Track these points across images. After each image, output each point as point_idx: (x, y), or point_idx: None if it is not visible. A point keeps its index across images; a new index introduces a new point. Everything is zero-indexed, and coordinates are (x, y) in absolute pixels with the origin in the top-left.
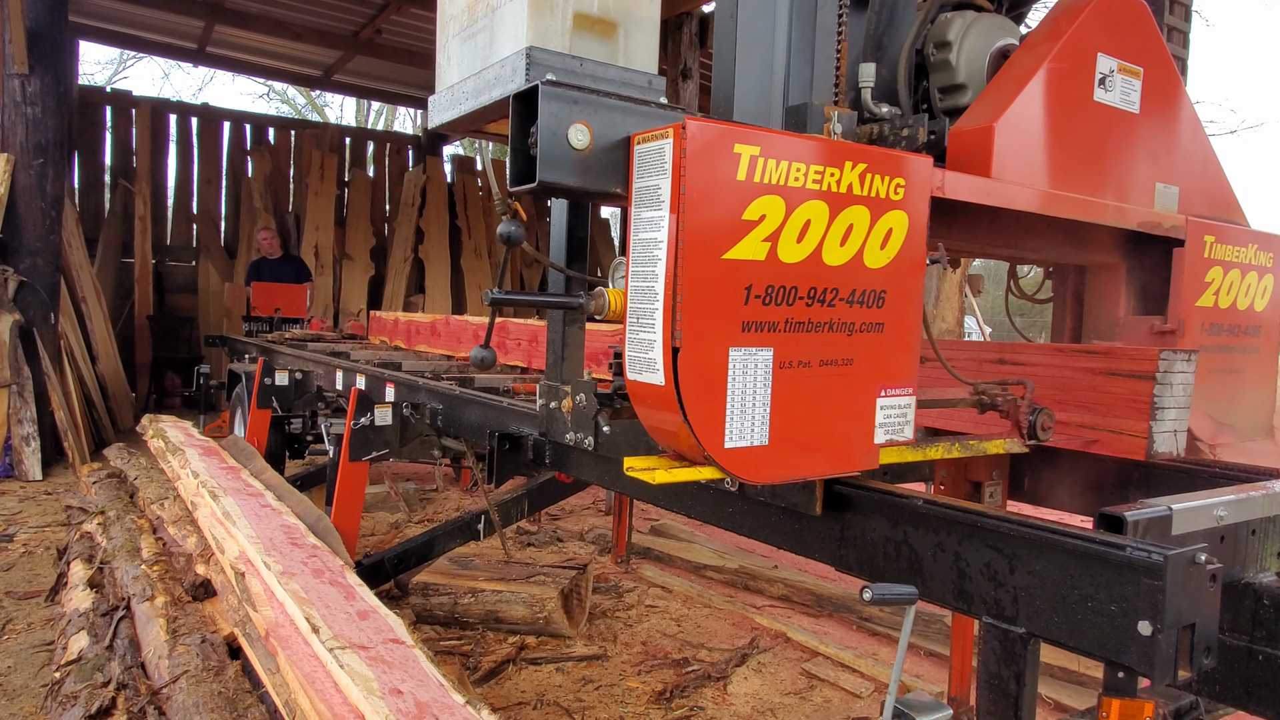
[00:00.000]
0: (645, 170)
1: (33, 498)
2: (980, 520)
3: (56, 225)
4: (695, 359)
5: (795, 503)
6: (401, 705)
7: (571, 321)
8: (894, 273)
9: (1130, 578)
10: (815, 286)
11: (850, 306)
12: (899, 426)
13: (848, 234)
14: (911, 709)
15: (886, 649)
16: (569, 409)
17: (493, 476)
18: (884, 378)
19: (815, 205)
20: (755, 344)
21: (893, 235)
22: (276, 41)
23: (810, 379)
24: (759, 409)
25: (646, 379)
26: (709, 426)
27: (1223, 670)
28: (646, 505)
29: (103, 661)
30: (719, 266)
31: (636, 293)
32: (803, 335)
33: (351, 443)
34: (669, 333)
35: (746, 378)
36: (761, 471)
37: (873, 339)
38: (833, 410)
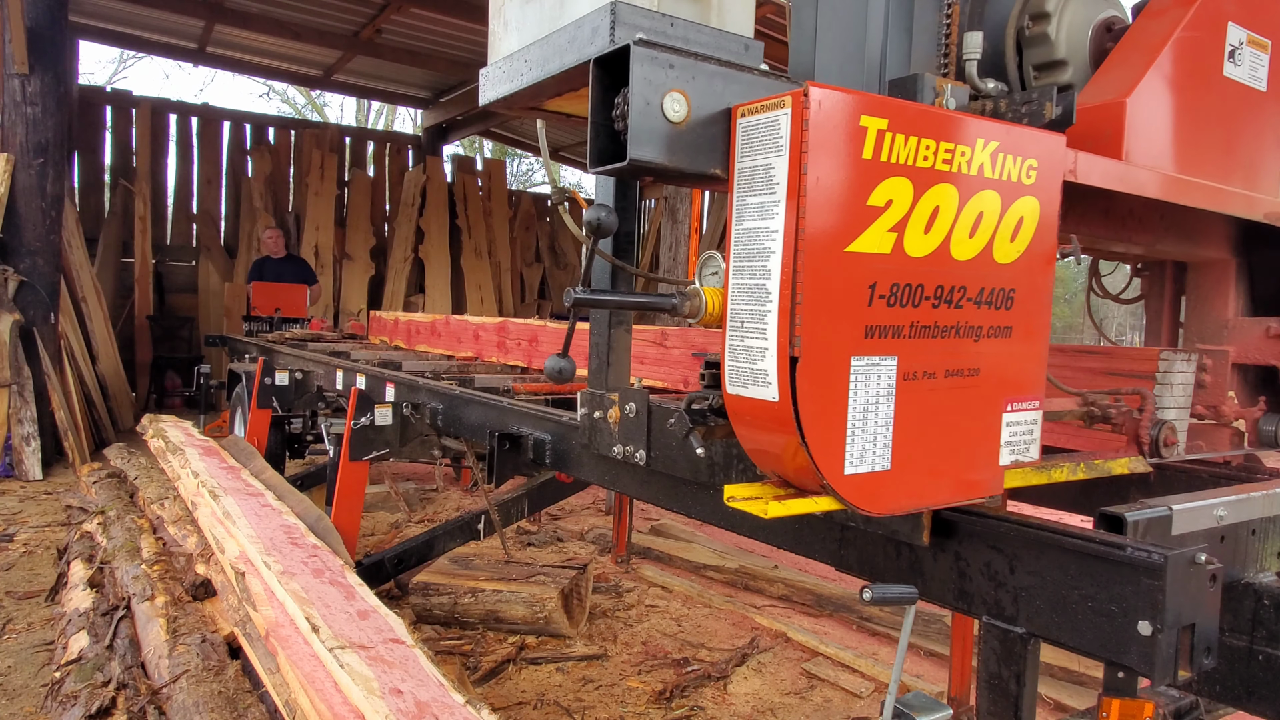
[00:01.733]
0: (753, 147)
1: (33, 497)
2: (980, 520)
3: (56, 225)
4: (816, 370)
5: (896, 530)
6: (402, 705)
7: (618, 324)
8: (1024, 268)
9: (1130, 578)
10: (942, 285)
11: (978, 308)
12: (1025, 445)
13: (977, 223)
14: (911, 709)
15: (886, 649)
16: (616, 419)
17: (493, 476)
18: (1011, 389)
19: (944, 190)
20: (879, 352)
21: (1024, 225)
22: (276, 41)
23: (935, 392)
24: (881, 428)
25: (754, 394)
26: (828, 449)
27: (1223, 670)
28: (646, 505)
29: (103, 661)
30: (842, 261)
31: (741, 292)
32: (928, 342)
33: (352, 442)
34: (786, 340)
35: (869, 392)
36: (883, 501)
37: (1000, 345)
38: (957, 428)
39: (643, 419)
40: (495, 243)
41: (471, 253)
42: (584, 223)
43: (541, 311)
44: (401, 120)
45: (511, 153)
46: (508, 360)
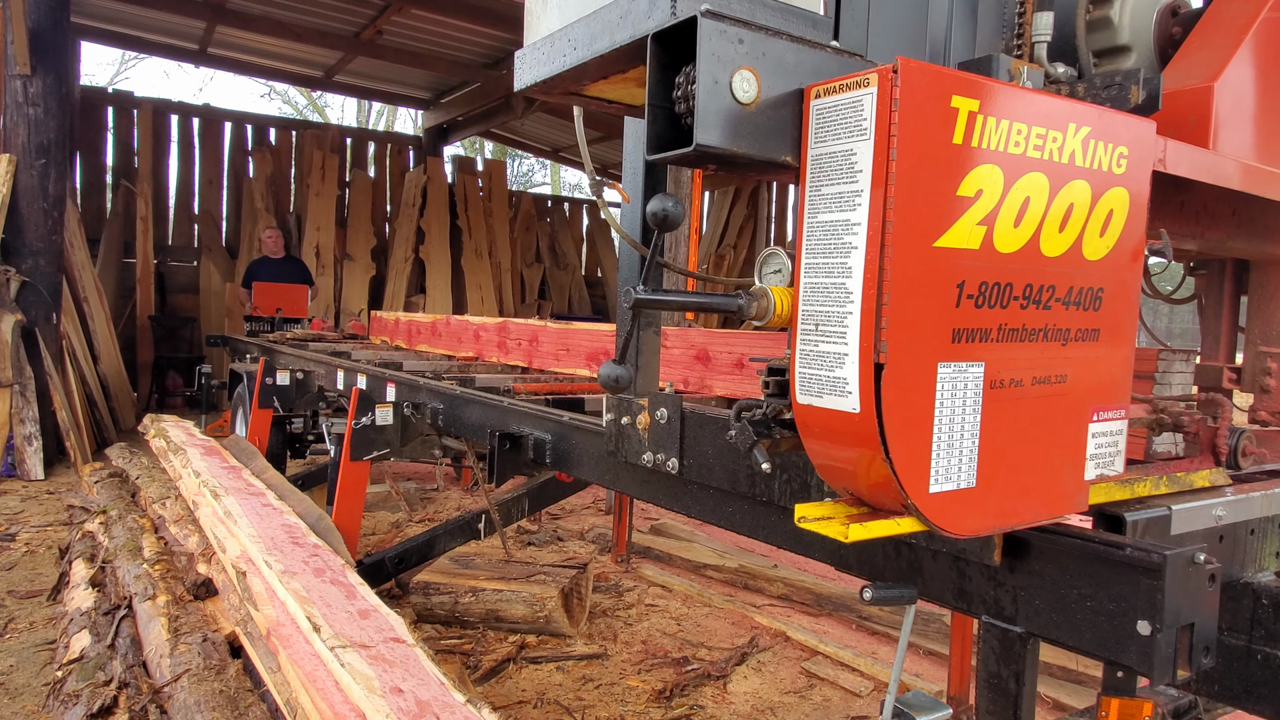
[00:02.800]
0: (830, 131)
1: (35, 497)
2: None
3: (58, 226)
4: (901, 378)
5: (963, 549)
6: (402, 704)
7: (647, 325)
8: (1112, 266)
9: (1129, 577)
10: (1031, 284)
11: (1066, 309)
12: (1110, 458)
13: (1067, 216)
14: (911, 708)
15: (886, 648)
16: (645, 426)
17: (493, 476)
18: (1098, 397)
19: (1035, 179)
20: (966, 358)
21: (1113, 218)
22: (277, 42)
23: (1022, 401)
24: (967, 442)
25: (830, 404)
26: (913, 465)
27: (1221, 669)
28: (646, 505)
29: (104, 660)
30: (930, 257)
31: (816, 292)
32: (1016, 346)
33: (353, 442)
34: (870, 345)
35: (955, 402)
36: (967, 521)
37: (1088, 350)
38: (1044, 441)
39: (675, 426)
40: (496, 243)
41: (472, 253)
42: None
43: (542, 312)
44: (402, 121)
45: (512, 153)
46: (508, 360)
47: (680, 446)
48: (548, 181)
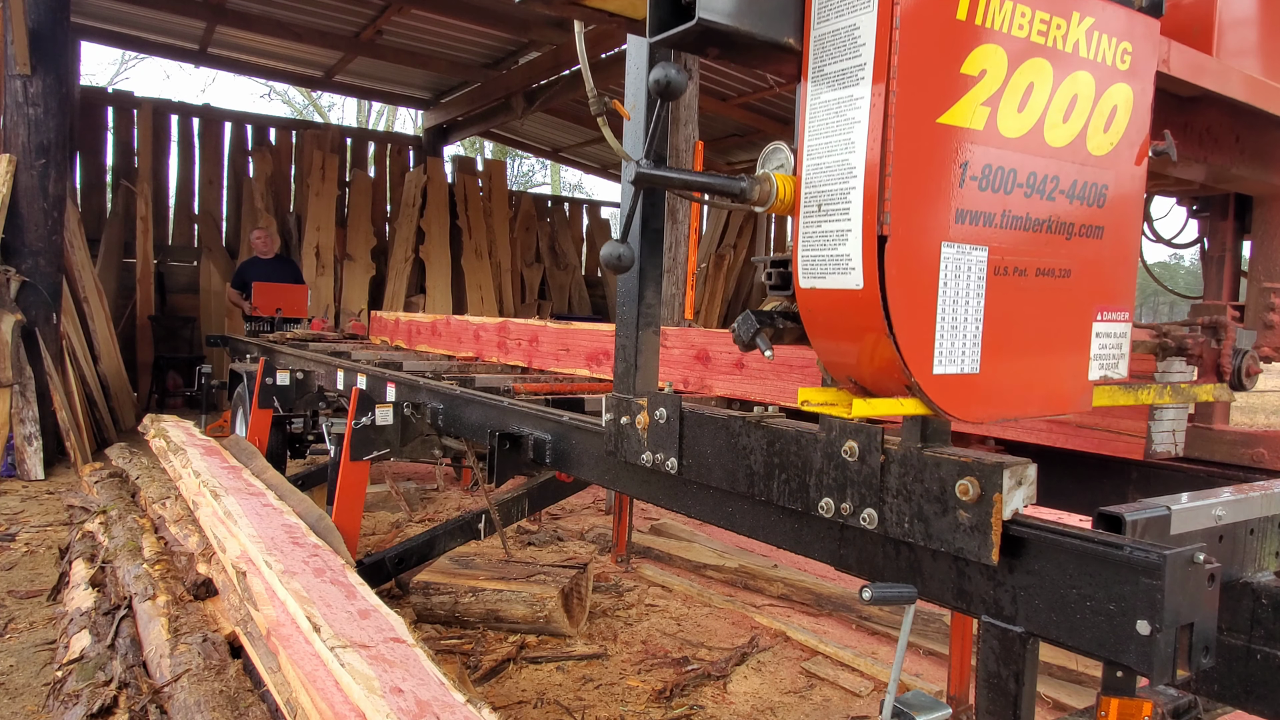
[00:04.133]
0: (833, 9)
1: (35, 497)
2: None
3: (59, 226)
4: (905, 253)
5: (962, 548)
6: (402, 704)
7: (646, 325)
8: (1116, 163)
9: (1129, 577)
10: (1035, 172)
11: (1070, 202)
12: (1114, 361)
13: (1071, 107)
14: (911, 708)
15: (886, 648)
16: (644, 425)
17: (493, 476)
18: (1102, 297)
19: (1038, 65)
20: (969, 240)
21: (1117, 115)
22: (278, 42)
23: (1025, 292)
24: (971, 325)
25: (833, 284)
26: (917, 344)
27: (1221, 669)
28: (646, 505)
29: (104, 660)
30: (934, 134)
31: (819, 172)
32: (1019, 234)
33: (353, 442)
34: (874, 218)
35: (959, 283)
36: (972, 407)
37: (1092, 247)
38: (1047, 334)
39: (674, 425)
40: (496, 243)
41: (472, 253)
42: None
43: (542, 312)
44: (402, 121)
45: (512, 153)
46: (508, 360)
47: (679, 446)
48: (548, 181)
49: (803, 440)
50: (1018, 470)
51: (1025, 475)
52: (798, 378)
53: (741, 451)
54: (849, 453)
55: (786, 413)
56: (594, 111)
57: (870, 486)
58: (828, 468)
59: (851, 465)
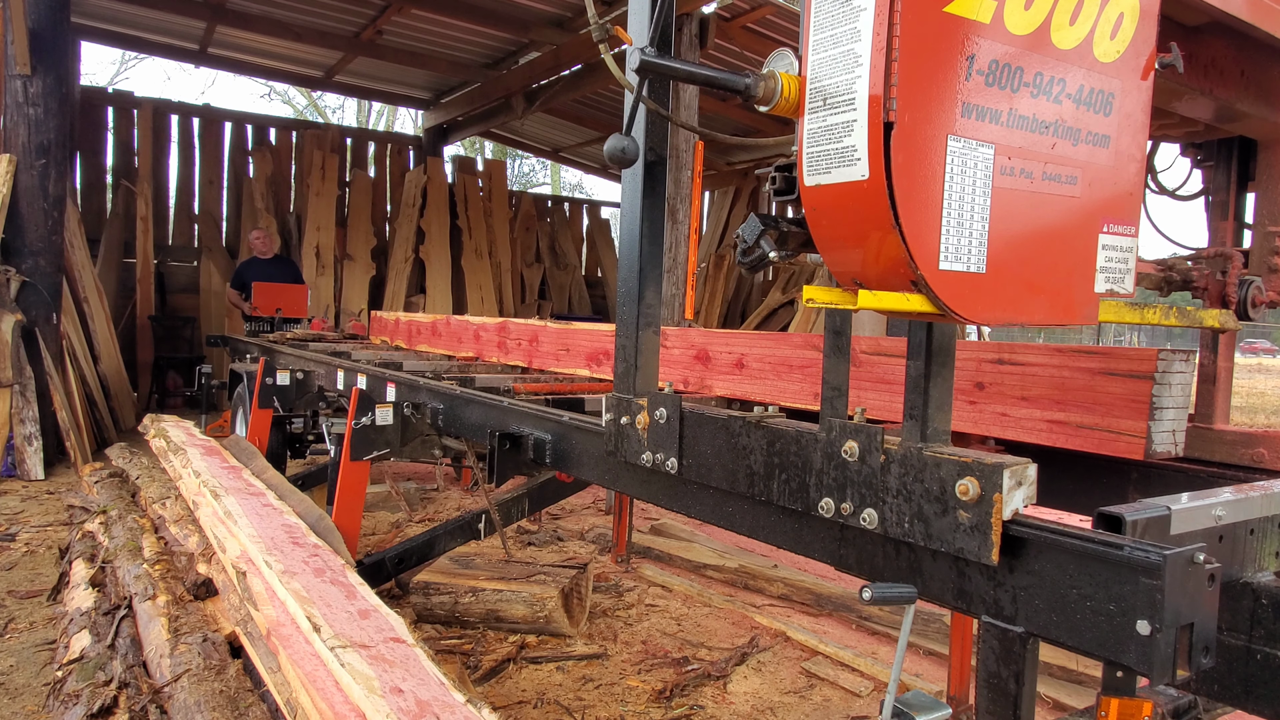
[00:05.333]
0: None
1: (35, 497)
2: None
3: (59, 226)
4: (911, 141)
5: (962, 548)
6: (402, 704)
7: (646, 325)
8: (1123, 71)
9: (1129, 577)
10: (1042, 72)
11: (1077, 107)
12: (1120, 276)
13: (1078, 10)
14: (911, 708)
15: (886, 648)
16: (645, 425)
17: (493, 476)
18: (1108, 209)
19: None
20: (976, 136)
21: (1124, 22)
22: (278, 42)
23: (1033, 195)
24: (977, 223)
25: (838, 178)
26: (923, 236)
27: (1221, 669)
28: (646, 505)
29: (105, 660)
30: (940, 21)
31: (824, 65)
32: (1026, 135)
33: (353, 442)
34: (880, 105)
35: (965, 180)
36: (978, 307)
37: (1099, 155)
38: (1053, 240)
39: (674, 425)
40: (496, 243)
41: (472, 253)
42: None
43: (542, 311)
44: (402, 121)
45: (512, 153)
46: (508, 360)
47: (679, 446)
48: (548, 181)
49: (803, 440)
50: (1018, 470)
51: (1025, 475)
52: (799, 378)
53: (741, 451)
54: (849, 452)
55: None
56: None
57: (870, 486)
58: (828, 468)
59: (852, 465)
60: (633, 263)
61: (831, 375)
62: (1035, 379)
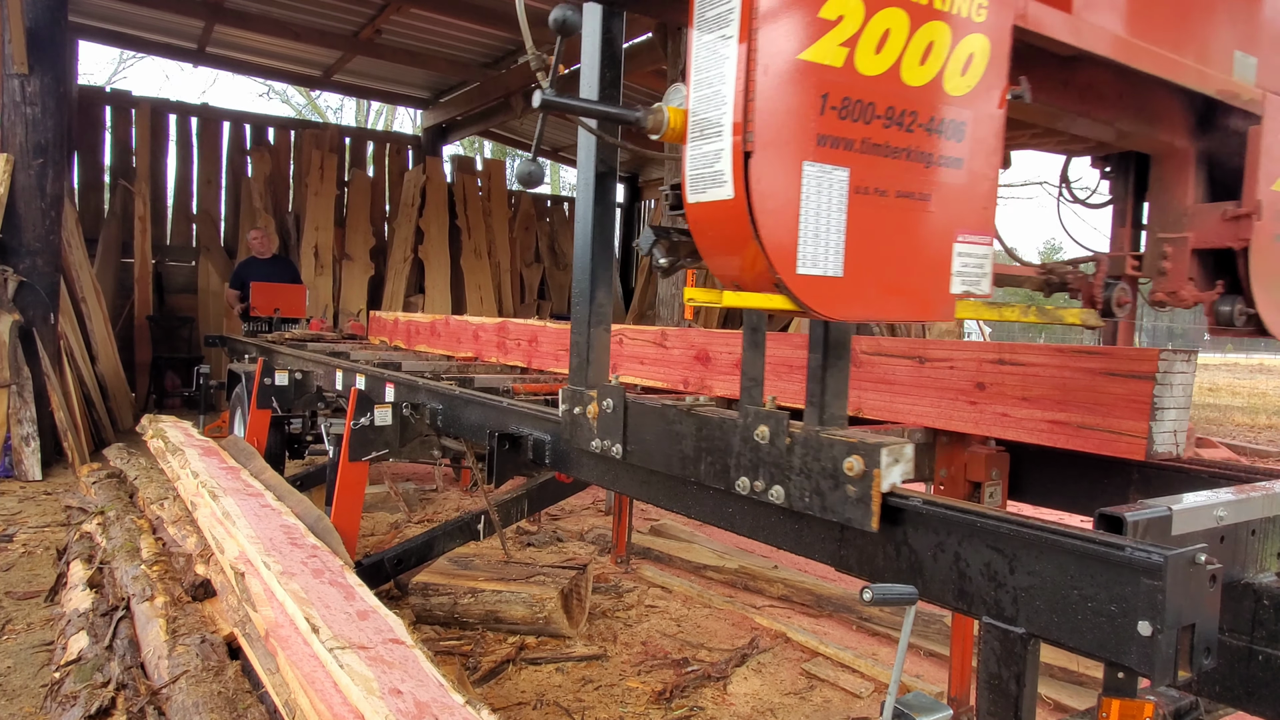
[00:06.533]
0: None
1: (32, 498)
2: (979, 520)
3: (56, 225)
4: (768, 167)
5: (850, 518)
6: (401, 705)
7: (597, 323)
8: (974, 103)
9: (1130, 578)
10: (894, 106)
11: (929, 135)
12: (976, 279)
13: (928, 52)
14: (911, 709)
15: (886, 649)
16: (594, 415)
17: (492, 476)
18: (962, 221)
19: (895, 14)
20: (831, 161)
21: (974, 61)
22: (276, 41)
23: (886, 210)
24: (834, 235)
25: (712, 196)
26: (781, 246)
27: (1223, 671)
28: (646, 505)
29: (102, 661)
30: (795, 67)
31: (701, 101)
32: (880, 159)
33: (351, 443)
34: (740, 137)
35: (821, 197)
36: (835, 305)
37: (951, 175)
38: (908, 249)
39: (619, 414)
40: (495, 243)
41: (471, 253)
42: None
43: (541, 312)
44: (401, 120)
45: (511, 153)
46: (507, 360)
47: (624, 433)
48: (548, 181)
49: (725, 426)
50: (895, 449)
51: (902, 453)
52: (799, 378)
53: (676, 437)
54: (761, 436)
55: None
56: (534, 67)
57: (779, 466)
58: (744, 450)
59: (764, 447)
60: (585, 266)
61: (749, 367)
62: (1036, 379)
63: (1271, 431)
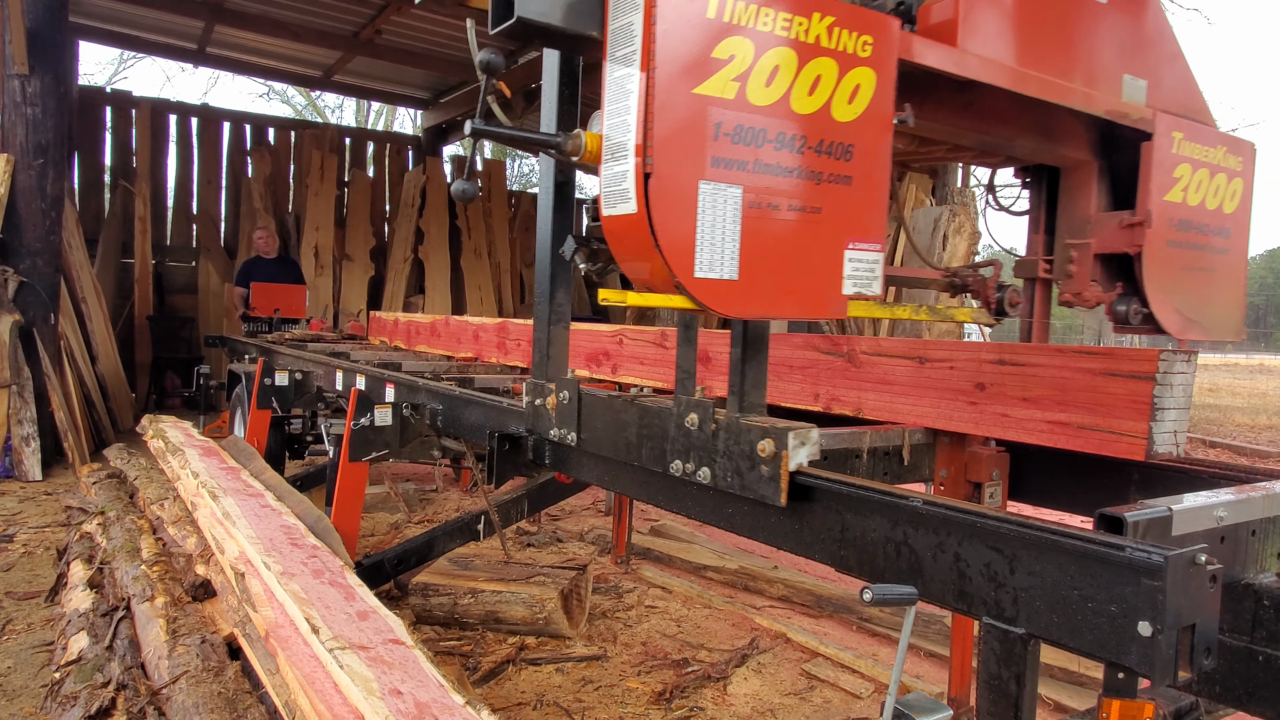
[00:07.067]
0: (620, 10)
1: (33, 498)
2: (980, 521)
3: (56, 226)
4: (666, 186)
5: (763, 495)
6: (401, 706)
7: (556, 322)
8: (861, 128)
9: (1130, 578)
10: (784, 131)
11: (818, 155)
12: (867, 281)
13: (815, 84)
14: (911, 709)
15: (886, 649)
16: (553, 406)
17: (492, 477)
18: (852, 230)
19: (783, 52)
20: (725, 180)
21: (860, 91)
22: (276, 42)
23: (778, 222)
24: (729, 243)
25: (621, 210)
26: (680, 254)
27: (1223, 671)
28: (646, 506)
29: (102, 662)
30: (689, 100)
31: (612, 129)
32: (772, 178)
33: (351, 443)
34: (641, 160)
35: (716, 211)
36: (731, 305)
37: (840, 190)
38: (801, 255)
39: (574, 405)
40: (495, 243)
41: (471, 253)
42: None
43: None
44: (401, 121)
45: (511, 153)
46: (508, 361)
47: (578, 422)
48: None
49: (662, 414)
50: (801, 433)
51: (808, 437)
52: (799, 378)
53: (621, 425)
54: (691, 423)
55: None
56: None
57: (706, 449)
58: (678, 435)
59: (694, 433)
60: (545, 268)
61: (683, 360)
62: (1036, 379)
63: (1272, 432)
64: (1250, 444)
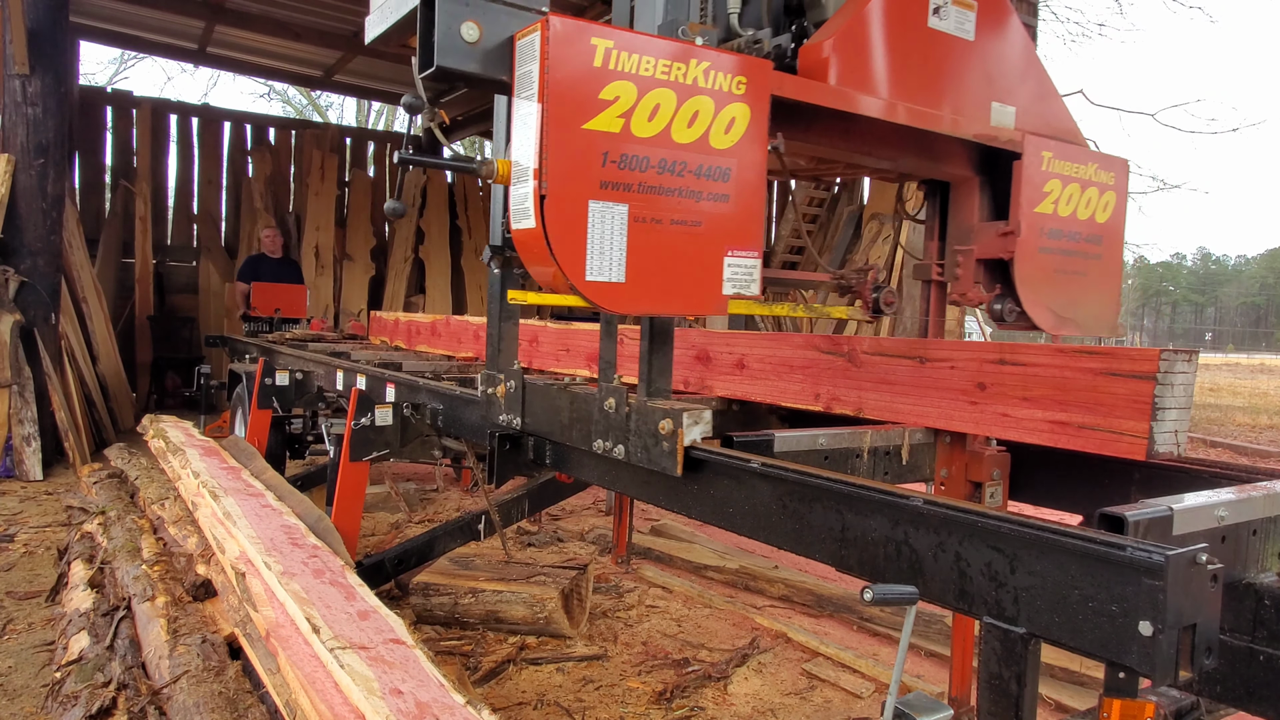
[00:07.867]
0: (523, 59)
1: (33, 498)
2: (980, 520)
3: (57, 226)
4: (559, 205)
5: (664, 467)
6: (402, 705)
7: (506, 319)
8: (738, 154)
9: (1131, 578)
10: (665, 159)
11: (698, 178)
12: (746, 283)
13: (694, 118)
14: (912, 709)
15: (887, 649)
16: (503, 394)
17: (493, 477)
18: (730, 240)
19: (664, 92)
20: (612, 200)
21: (735, 123)
22: (277, 42)
23: (662, 234)
24: (616, 252)
25: (524, 225)
26: (572, 262)
27: (1224, 670)
28: (646, 505)
29: (103, 661)
30: (579, 134)
31: (518, 156)
32: (655, 197)
33: (352, 443)
34: (539, 183)
35: (605, 226)
36: (619, 303)
37: (719, 207)
38: (683, 262)
39: (519, 393)
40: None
41: (472, 253)
42: (401, 103)
43: (541, 313)
44: (402, 120)
45: None
46: None
47: (522, 408)
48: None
49: (588, 399)
50: (695, 413)
51: (702, 417)
52: (799, 378)
53: (557, 409)
54: (609, 406)
55: (779, 413)
56: (425, 121)
57: (621, 430)
58: (599, 417)
59: (611, 415)
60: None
61: (605, 351)
62: (1037, 379)
63: (1273, 431)
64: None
